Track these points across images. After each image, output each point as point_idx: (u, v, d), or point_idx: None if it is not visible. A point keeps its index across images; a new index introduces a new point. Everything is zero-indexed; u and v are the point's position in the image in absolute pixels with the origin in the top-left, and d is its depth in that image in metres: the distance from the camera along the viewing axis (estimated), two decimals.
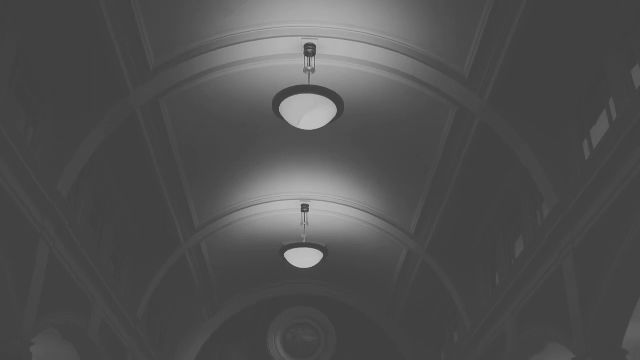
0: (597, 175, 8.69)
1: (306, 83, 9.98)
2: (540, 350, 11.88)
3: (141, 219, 14.36)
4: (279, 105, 9.87)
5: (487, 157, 11.82)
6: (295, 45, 10.32)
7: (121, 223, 14.08)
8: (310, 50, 10.28)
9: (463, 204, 13.40)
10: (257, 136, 12.57)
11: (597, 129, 9.67)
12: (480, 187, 12.90)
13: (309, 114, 9.89)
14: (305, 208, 15.08)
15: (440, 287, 15.80)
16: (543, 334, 11.05)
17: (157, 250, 15.17)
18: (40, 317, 9.80)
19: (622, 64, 8.81)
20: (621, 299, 8.70)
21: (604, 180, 8.64)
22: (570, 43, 9.42)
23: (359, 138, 12.59)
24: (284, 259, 15.15)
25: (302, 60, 10.36)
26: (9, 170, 8.54)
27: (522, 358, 12.37)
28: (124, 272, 14.92)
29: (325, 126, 10.40)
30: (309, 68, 10.21)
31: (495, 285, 14.19)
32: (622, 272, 8.38)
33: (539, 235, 10.71)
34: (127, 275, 14.95)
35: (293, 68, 10.63)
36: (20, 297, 9.06)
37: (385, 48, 10.38)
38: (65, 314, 10.92)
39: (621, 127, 8.10)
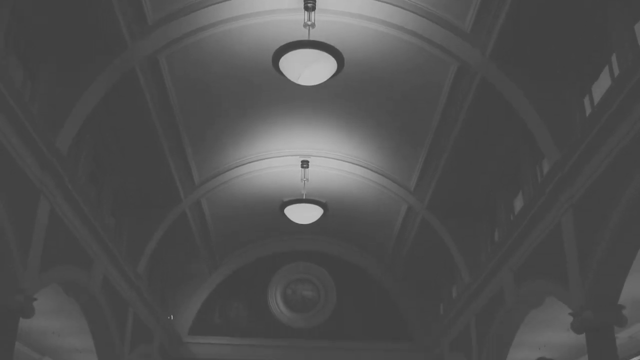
0: (597, 132, 8.64)
1: (306, 38, 9.88)
2: (538, 305, 12.00)
3: (142, 175, 14.35)
4: (278, 61, 9.78)
5: (487, 113, 11.77)
6: None
7: (122, 179, 14.09)
8: (310, 5, 10.15)
9: (463, 161, 13.39)
10: (256, 92, 12.49)
11: (599, 85, 9.60)
12: (480, 144, 12.87)
13: (309, 69, 9.81)
14: (305, 164, 15.07)
15: (440, 243, 15.88)
16: (541, 289, 11.13)
17: (157, 206, 15.21)
18: (42, 272, 9.85)
19: (625, 20, 8.70)
20: (619, 255, 8.74)
21: (604, 137, 8.60)
22: None
23: (359, 94, 12.52)
24: (284, 215, 15.20)
25: (302, 15, 10.24)
26: (8, 126, 8.49)
27: (520, 313, 12.51)
28: (125, 228, 14.98)
29: (326, 82, 10.32)
30: (309, 23, 10.09)
31: (494, 241, 14.26)
32: (620, 229, 8.40)
33: (539, 191, 10.72)
34: (127, 231, 15.02)
35: (293, 23, 10.51)
36: (21, 252, 9.10)
37: (387, 3, 10.25)
38: (67, 269, 10.99)
39: (623, 83, 8.03)
